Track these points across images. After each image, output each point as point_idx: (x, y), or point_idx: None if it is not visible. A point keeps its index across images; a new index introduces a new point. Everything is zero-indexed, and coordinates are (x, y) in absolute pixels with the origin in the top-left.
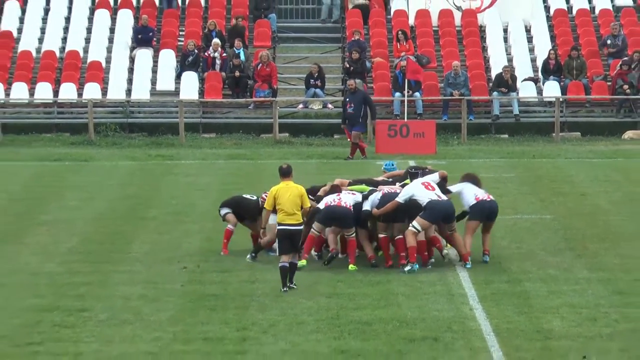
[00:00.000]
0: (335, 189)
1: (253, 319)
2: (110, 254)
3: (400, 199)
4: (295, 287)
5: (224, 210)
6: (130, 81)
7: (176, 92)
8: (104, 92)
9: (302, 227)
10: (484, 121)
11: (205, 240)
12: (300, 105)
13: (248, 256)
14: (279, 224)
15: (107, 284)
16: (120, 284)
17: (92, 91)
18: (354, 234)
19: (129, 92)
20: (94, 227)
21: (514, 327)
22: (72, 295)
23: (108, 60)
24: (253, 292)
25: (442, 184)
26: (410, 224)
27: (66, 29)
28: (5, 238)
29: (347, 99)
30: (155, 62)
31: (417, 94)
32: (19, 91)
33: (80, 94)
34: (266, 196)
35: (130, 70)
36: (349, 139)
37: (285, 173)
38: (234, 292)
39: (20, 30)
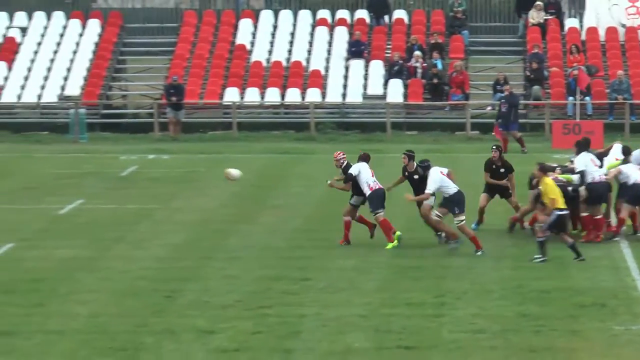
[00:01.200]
0: None
1: (448, 287)
2: (328, 232)
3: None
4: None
5: None
6: (345, 87)
7: (384, 96)
8: (323, 95)
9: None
10: None
11: (408, 221)
12: (489, 107)
13: (444, 236)
14: (561, 210)
15: (325, 257)
16: (337, 258)
17: (313, 95)
18: None
19: (344, 96)
20: (315, 210)
21: None
22: (296, 267)
23: (327, 69)
24: (449, 265)
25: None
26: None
27: (291, 43)
28: (241, 219)
29: (503, 100)
30: (366, 70)
31: (587, 98)
32: (252, 95)
33: (303, 97)
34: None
35: (345, 78)
36: (496, 136)
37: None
38: (432, 264)
39: (252, 44)
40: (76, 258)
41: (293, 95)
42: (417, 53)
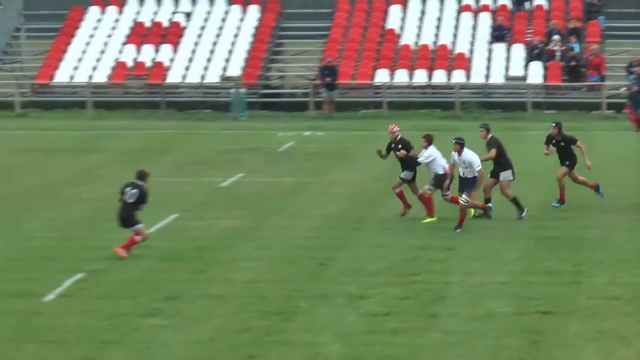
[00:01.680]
0: None
1: (585, 256)
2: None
3: None
4: None
5: None
6: (488, 68)
7: (524, 78)
8: (468, 77)
9: None
10: None
11: (545, 195)
12: (623, 88)
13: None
14: None
15: (470, 228)
16: (481, 229)
17: (458, 76)
18: None
19: (487, 77)
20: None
21: None
22: (442, 237)
23: (471, 52)
24: (585, 236)
25: None
26: None
27: (438, 27)
28: (390, 192)
29: (634, 81)
30: (508, 53)
31: None
32: (401, 76)
33: (448, 78)
34: None
35: (488, 60)
36: (627, 112)
37: None
38: (569, 235)
39: (401, 28)
40: (236, 228)
41: (439, 76)
42: (556, 37)
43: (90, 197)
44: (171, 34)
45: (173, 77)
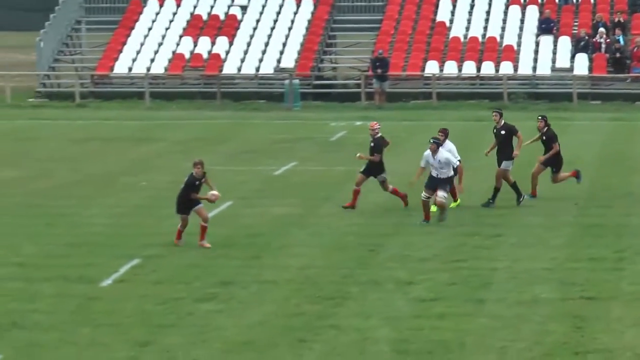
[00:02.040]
0: None
1: (627, 243)
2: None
3: None
4: None
5: None
6: (535, 60)
7: (570, 69)
8: (515, 68)
9: None
10: None
11: (590, 183)
12: None
13: None
14: None
15: (516, 215)
16: (526, 215)
17: (506, 67)
18: None
19: (534, 68)
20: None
21: None
22: (489, 224)
23: (518, 44)
24: (627, 223)
25: None
26: None
27: (486, 20)
28: None
29: None
30: (555, 45)
31: None
32: (450, 67)
33: (497, 70)
34: None
35: (535, 52)
36: None
37: None
38: (612, 223)
39: (451, 21)
40: (289, 215)
41: (488, 67)
42: (602, 30)
43: (147, 186)
44: (227, 26)
45: (229, 69)
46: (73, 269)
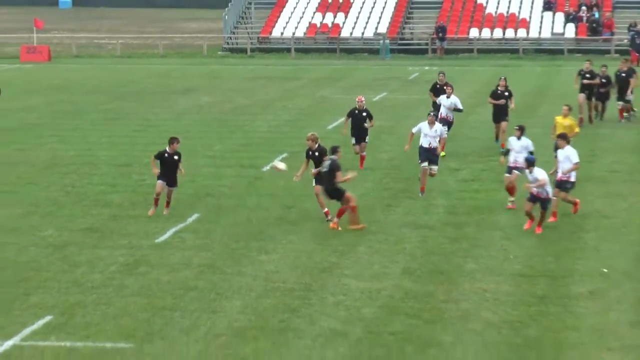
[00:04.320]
0: None
1: None
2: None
3: None
4: None
5: None
6: (540, 27)
7: (563, 34)
8: (527, 32)
9: None
10: None
11: None
12: (625, 40)
13: None
14: None
15: None
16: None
17: (521, 32)
18: None
19: (539, 33)
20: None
21: None
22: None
23: (530, 17)
24: None
25: None
26: None
27: (509, 2)
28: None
29: (633, 35)
30: (553, 18)
31: None
32: (485, 33)
33: (515, 34)
34: None
35: (540, 22)
36: (630, 54)
37: None
38: None
39: (487, 2)
40: (382, 126)
41: (509, 33)
42: (584, 8)
43: (292, 107)
44: (344, 6)
45: (345, 33)
46: (246, 160)
